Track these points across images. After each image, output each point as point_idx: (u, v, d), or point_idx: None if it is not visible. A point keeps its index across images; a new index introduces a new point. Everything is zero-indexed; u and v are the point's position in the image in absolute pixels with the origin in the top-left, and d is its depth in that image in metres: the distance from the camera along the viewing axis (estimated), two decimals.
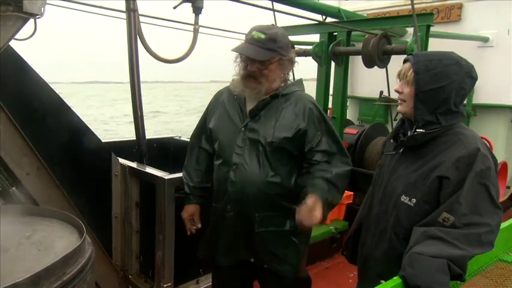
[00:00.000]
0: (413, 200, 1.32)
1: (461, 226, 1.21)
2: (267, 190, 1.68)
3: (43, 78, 1.90)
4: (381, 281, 1.12)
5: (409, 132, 1.40)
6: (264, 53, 1.61)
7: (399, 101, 1.41)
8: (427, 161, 1.32)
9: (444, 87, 1.27)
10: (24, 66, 1.82)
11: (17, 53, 1.78)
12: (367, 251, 1.53)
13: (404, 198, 1.35)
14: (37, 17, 1.76)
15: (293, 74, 1.94)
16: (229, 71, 1.79)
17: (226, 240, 1.79)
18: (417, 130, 1.34)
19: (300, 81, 1.84)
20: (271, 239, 1.73)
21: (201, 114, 2.00)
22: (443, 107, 1.30)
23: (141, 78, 2.39)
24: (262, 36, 1.61)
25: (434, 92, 1.29)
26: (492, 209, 1.25)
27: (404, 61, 1.40)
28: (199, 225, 1.93)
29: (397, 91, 1.40)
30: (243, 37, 1.74)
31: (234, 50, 1.64)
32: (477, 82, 4.79)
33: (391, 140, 1.52)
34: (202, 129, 1.93)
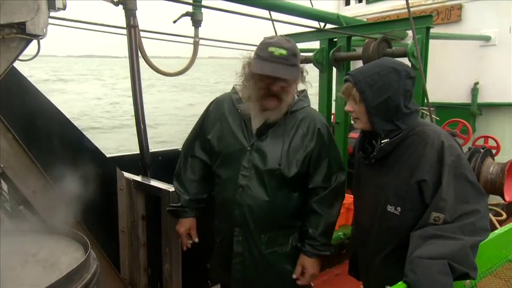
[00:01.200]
0: (399, 209, 1.36)
1: (453, 220, 1.23)
2: (273, 212, 1.63)
3: (47, 97, 1.94)
4: (386, 287, 1.11)
5: (373, 141, 1.44)
6: (292, 71, 1.52)
7: (353, 120, 1.45)
8: (401, 168, 1.36)
9: (391, 96, 1.33)
10: (28, 87, 1.86)
11: (21, 73, 1.82)
12: (366, 261, 1.55)
13: (390, 208, 1.38)
14: (40, 37, 1.80)
15: None
16: (227, 47, 1.67)
17: (237, 271, 1.71)
18: (382, 141, 1.39)
19: (306, 94, 1.74)
20: (279, 260, 1.69)
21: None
22: (397, 114, 1.35)
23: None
24: (284, 52, 1.49)
25: (384, 104, 1.34)
26: (476, 194, 1.27)
27: (345, 81, 1.44)
28: (197, 240, 1.84)
29: (348, 111, 1.45)
30: (244, 47, 1.70)
31: (261, 71, 1.50)
32: (481, 81, 4.75)
33: (360, 152, 1.53)
34: (196, 136, 1.82)
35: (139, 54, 2.41)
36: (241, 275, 1.70)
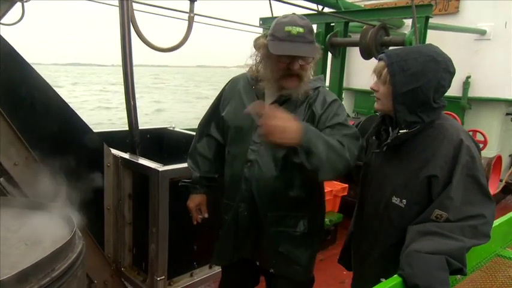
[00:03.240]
0: (404, 201, 1.30)
1: (456, 221, 1.19)
2: (281, 189, 1.60)
3: (31, 65, 1.83)
4: (381, 279, 1.09)
5: (390, 129, 1.38)
6: (311, 49, 1.48)
7: (375, 99, 1.38)
8: (413, 160, 1.30)
9: (422, 87, 1.25)
10: (11, 52, 1.75)
11: (3, 38, 1.71)
12: (362, 253, 1.50)
13: (395, 200, 1.32)
14: (24, 0, 1.68)
15: None
16: (216, 56, 1.67)
17: (235, 241, 1.71)
18: (400, 131, 1.32)
19: (322, 77, 1.70)
20: (282, 240, 1.65)
21: None
22: (423, 106, 1.28)
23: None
24: (302, 30, 1.46)
25: (412, 93, 1.26)
26: (484, 200, 1.23)
27: (379, 59, 1.36)
28: (206, 215, 1.85)
29: (372, 89, 1.37)
30: (240, 27, 1.64)
31: (282, 52, 1.46)
32: (473, 75, 4.73)
33: (373, 138, 1.47)
34: (212, 116, 1.81)
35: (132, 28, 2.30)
36: (251, 249, 1.69)
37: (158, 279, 2.09)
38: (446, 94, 1.33)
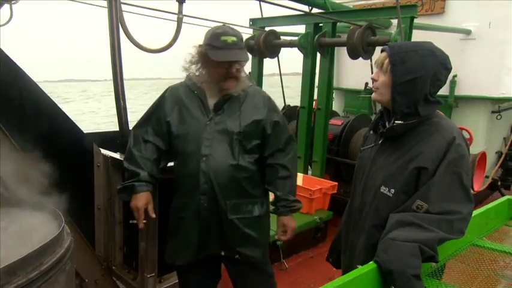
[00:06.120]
0: (392, 191, 1.34)
1: (435, 213, 1.24)
2: (235, 177, 1.78)
3: (20, 67, 1.85)
4: (358, 266, 1.14)
5: (387, 123, 1.42)
6: (244, 53, 1.78)
7: (373, 89, 1.42)
8: (405, 152, 1.34)
9: (420, 78, 1.29)
10: (0, 54, 1.77)
11: None
12: (350, 246, 1.53)
13: (383, 189, 1.36)
14: (13, 2, 1.70)
15: None
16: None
17: (199, 235, 1.83)
18: (396, 122, 1.35)
19: (249, 77, 1.98)
20: (243, 225, 1.83)
21: None
22: (420, 98, 1.32)
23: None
24: (235, 39, 1.72)
25: (410, 83, 1.30)
26: (464, 197, 1.28)
27: (382, 50, 1.42)
28: (154, 215, 1.85)
29: (373, 79, 1.42)
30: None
31: (223, 59, 1.71)
32: (459, 74, 4.82)
33: (371, 132, 1.53)
34: (148, 122, 1.88)
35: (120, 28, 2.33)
36: (216, 241, 1.85)
37: (148, 276, 2.12)
38: None
